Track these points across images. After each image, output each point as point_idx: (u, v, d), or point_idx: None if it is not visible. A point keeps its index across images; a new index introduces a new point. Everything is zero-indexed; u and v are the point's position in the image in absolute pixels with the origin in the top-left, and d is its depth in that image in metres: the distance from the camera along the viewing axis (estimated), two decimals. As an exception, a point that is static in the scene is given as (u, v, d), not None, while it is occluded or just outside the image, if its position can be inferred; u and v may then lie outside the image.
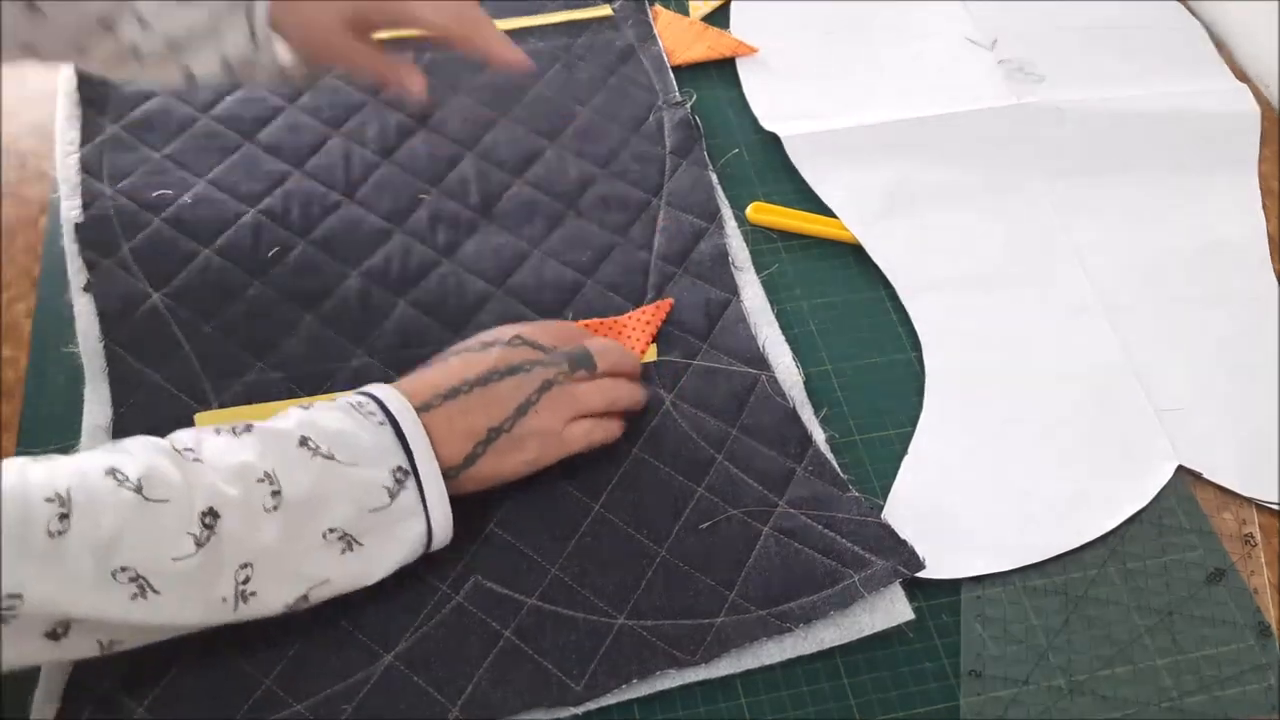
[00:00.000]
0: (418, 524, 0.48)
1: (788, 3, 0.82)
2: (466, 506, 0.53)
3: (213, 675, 0.47)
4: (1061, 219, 0.69)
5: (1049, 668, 0.51)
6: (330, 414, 0.48)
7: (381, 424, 0.48)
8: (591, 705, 0.48)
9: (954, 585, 0.53)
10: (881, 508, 0.55)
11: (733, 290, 0.63)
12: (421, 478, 0.48)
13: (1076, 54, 0.79)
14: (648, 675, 0.48)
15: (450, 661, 0.48)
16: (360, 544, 0.46)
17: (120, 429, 0.55)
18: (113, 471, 0.42)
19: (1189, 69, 0.80)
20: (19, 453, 0.55)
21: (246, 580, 0.44)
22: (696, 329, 0.61)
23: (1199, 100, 0.77)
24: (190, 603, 0.43)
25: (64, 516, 0.39)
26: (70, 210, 0.64)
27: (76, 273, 0.61)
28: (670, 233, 0.66)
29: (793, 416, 0.57)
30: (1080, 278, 0.66)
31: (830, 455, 0.56)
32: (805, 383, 0.59)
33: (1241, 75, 0.80)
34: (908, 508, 0.55)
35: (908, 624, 0.51)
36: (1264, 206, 0.71)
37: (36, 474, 0.40)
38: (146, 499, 0.41)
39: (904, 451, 0.57)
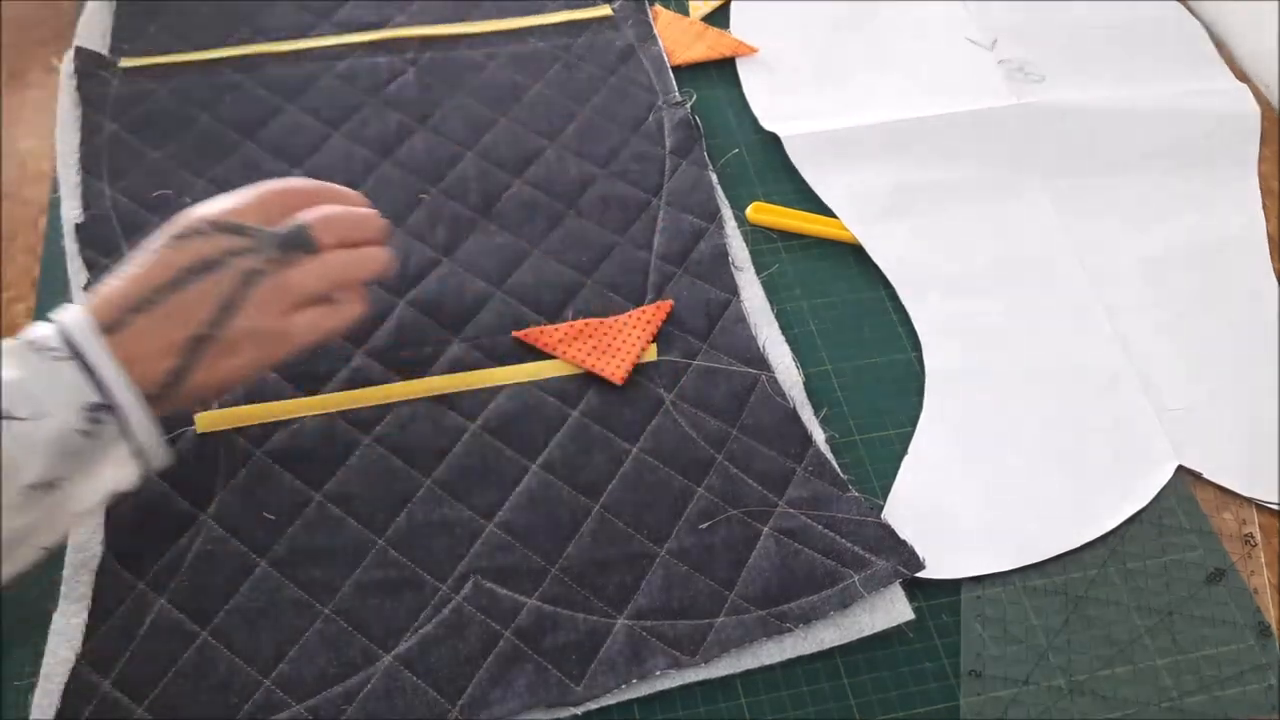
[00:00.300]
0: (124, 456, 0.44)
1: (788, 3, 0.82)
2: (466, 507, 0.53)
3: (212, 675, 0.48)
4: (1061, 219, 0.69)
5: (1049, 668, 0.51)
6: (8, 362, 0.43)
7: (62, 359, 0.43)
8: (591, 705, 0.48)
9: (954, 585, 0.53)
10: (881, 508, 0.55)
11: (733, 290, 0.63)
12: (121, 408, 0.44)
13: (1076, 54, 0.79)
14: (648, 675, 0.48)
15: (450, 662, 0.48)
16: (64, 489, 0.43)
17: (120, 429, 0.55)
18: None
19: (1189, 69, 0.80)
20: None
21: None
22: (696, 329, 0.61)
23: (1199, 100, 0.77)
24: None
25: None
26: (70, 210, 0.64)
27: (77, 273, 0.61)
28: (670, 233, 0.66)
29: (793, 416, 0.58)
30: (1080, 278, 0.66)
31: (830, 455, 0.56)
32: (805, 383, 0.59)
33: (1241, 75, 0.80)
34: (908, 508, 0.55)
35: (908, 624, 0.51)
36: (1264, 206, 0.71)
37: None
38: None
39: (904, 451, 0.57)
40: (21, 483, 0.42)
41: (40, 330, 0.45)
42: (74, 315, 0.45)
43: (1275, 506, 0.57)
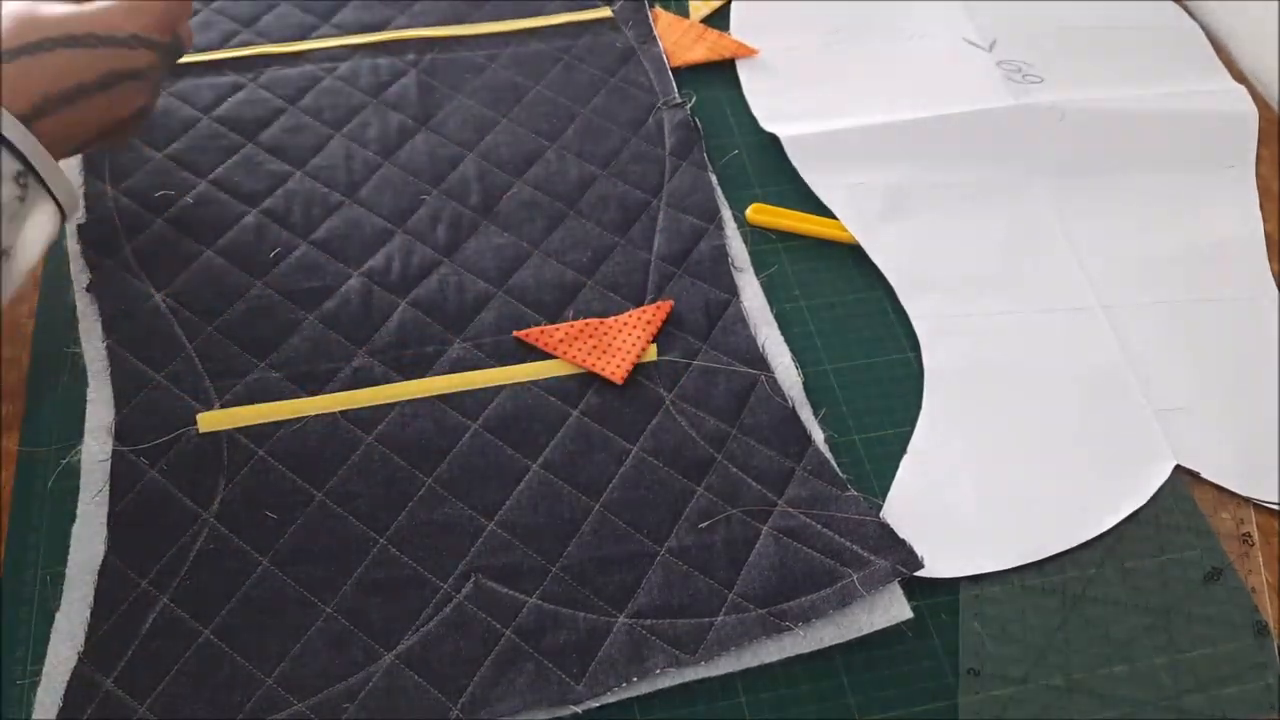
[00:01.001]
0: (49, 210, 0.50)
1: (788, 4, 0.82)
2: (466, 507, 0.53)
3: (214, 674, 0.48)
4: (1061, 219, 0.69)
5: (1047, 667, 0.51)
6: None
7: None
8: (592, 703, 0.48)
9: (952, 584, 0.53)
10: (880, 507, 0.55)
11: (732, 290, 0.63)
12: (43, 176, 0.49)
13: (1075, 55, 0.79)
14: (648, 674, 0.49)
15: (451, 660, 0.49)
16: (13, 253, 0.48)
17: (123, 429, 0.55)
18: None
19: (1187, 70, 0.80)
20: (21, 453, 0.55)
21: None
22: (696, 329, 0.61)
23: (1197, 101, 0.77)
24: None
25: None
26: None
27: (79, 273, 0.62)
28: (670, 233, 0.66)
29: (792, 416, 0.58)
30: (1079, 278, 0.66)
31: (829, 455, 0.57)
32: (804, 383, 0.60)
33: (1240, 76, 0.80)
34: (906, 507, 0.55)
35: (906, 623, 0.51)
36: (1262, 207, 0.72)
37: None
38: None
39: (903, 451, 0.58)
40: None
41: None
42: None
43: (1273, 506, 0.57)
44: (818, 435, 0.57)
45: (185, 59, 0.73)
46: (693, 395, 0.58)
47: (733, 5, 0.82)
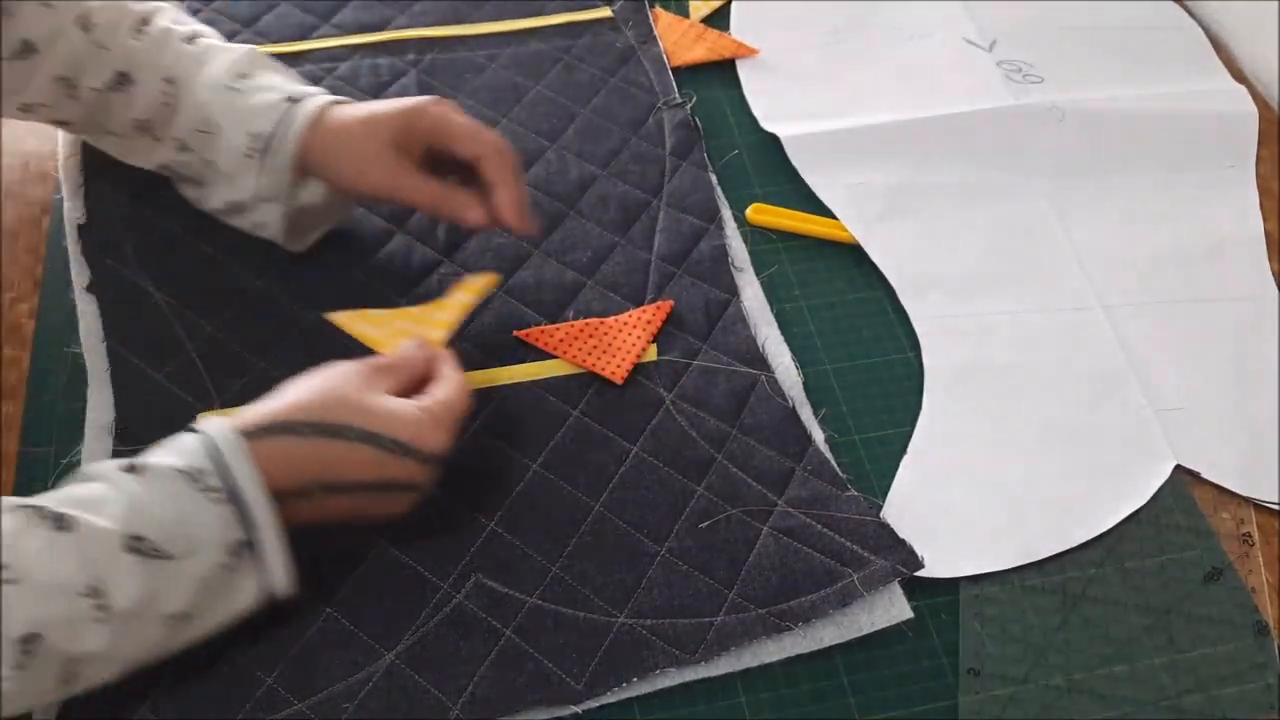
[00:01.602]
0: (251, 588, 0.45)
1: (788, 4, 0.82)
2: (466, 507, 0.53)
3: (215, 674, 0.48)
4: (1061, 219, 0.69)
5: (1047, 667, 0.51)
6: (163, 493, 0.44)
7: (222, 501, 0.44)
8: (592, 704, 0.48)
9: (952, 584, 0.53)
10: (880, 507, 0.55)
11: (732, 290, 0.63)
12: (261, 547, 0.45)
13: (1075, 55, 0.79)
14: (648, 674, 0.49)
15: (451, 660, 0.49)
16: (195, 617, 0.45)
17: (123, 428, 0.55)
18: None
19: (1187, 70, 0.80)
20: (22, 453, 0.55)
21: (74, 673, 0.42)
22: (696, 329, 0.61)
23: (1197, 101, 0.77)
24: (14, 703, 0.41)
25: None
26: (73, 210, 0.64)
27: (79, 273, 0.62)
28: (670, 233, 0.66)
29: (792, 416, 0.58)
30: (1079, 278, 0.66)
31: (829, 455, 0.57)
32: (804, 383, 0.60)
33: (1240, 76, 0.80)
34: (906, 507, 0.55)
35: (906, 623, 0.51)
36: (1262, 206, 0.72)
37: None
38: None
39: (903, 451, 0.58)
40: (163, 612, 0.43)
41: (197, 460, 0.45)
42: (244, 468, 0.45)
43: (1273, 506, 0.57)
44: (818, 435, 0.57)
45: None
46: (693, 395, 0.58)
47: (733, 5, 0.82)
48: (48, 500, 0.43)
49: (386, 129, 0.57)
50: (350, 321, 0.59)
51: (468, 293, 0.59)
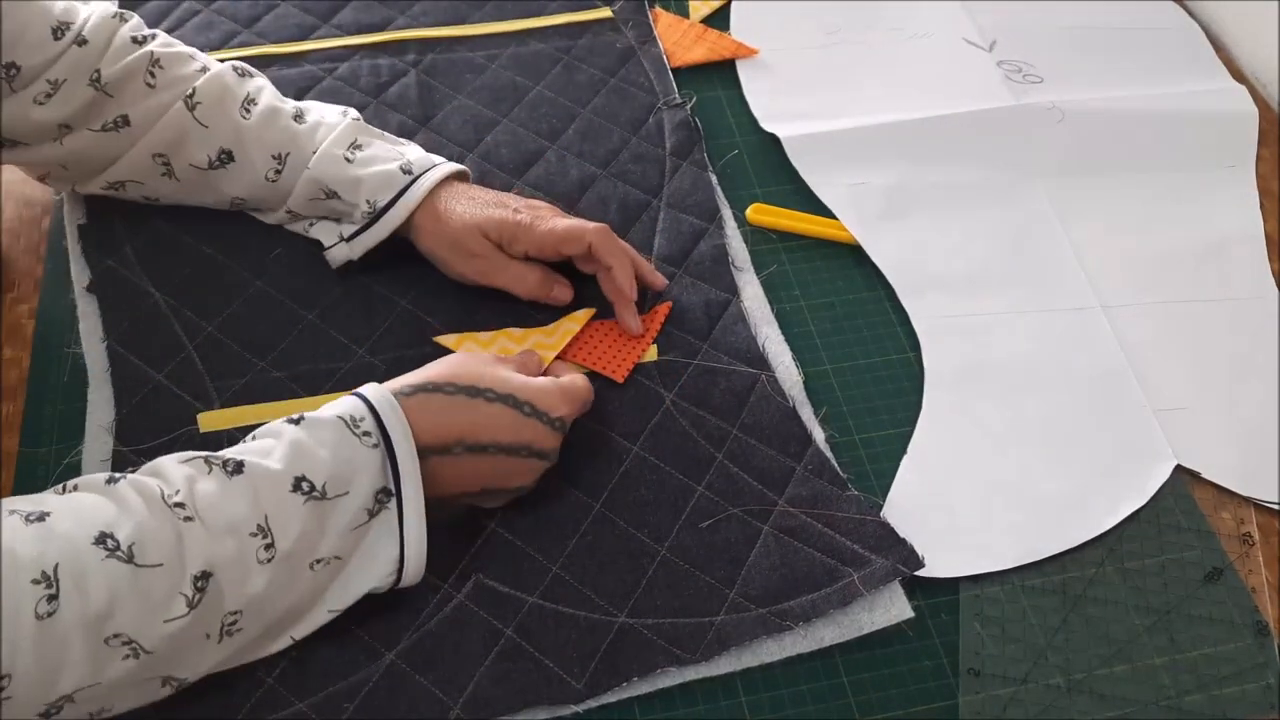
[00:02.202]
0: (391, 546, 0.47)
1: (787, 5, 0.82)
2: (467, 507, 0.53)
3: (215, 673, 0.48)
4: (1061, 219, 0.69)
5: (1047, 666, 0.51)
6: (323, 437, 0.46)
7: (375, 446, 0.47)
8: (592, 703, 0.48)
9: (953, 584, 0.53)
10: (881, 506, 0.55)
11: (733, 290, 0.63)
12: (403, 500, 0.47)
13: (1075, 55, 0.79)
14: (648, 673, 0.49)
15: (452, 660, 0.49)
16: (339, 562, 0.46)
17: (123, 428, 0.55)
18: (103, 539, 0.40)
19: (1187, 70, 0.80)
20: (22, 453, 0.55)
21: (234, 623, 0.44)
22: (697, 329, 0.61)
23: (1197, 101, 0.77)
24: (180, 654, 0.43)
25: (52, 598, 0.39)
26: (73, 210, 0.64)
27: (79, 273, 0.62)
28: (670, 233, 0.66)
29: (792, 416, 0.58)
30: (1079, 278, 0.66)
31: (830, 454, 0.57)
32: (804, 382, 0.60)
33: (1239, 75, 0.80)
34: (907, 506, 0.55)
35: (907, 622, 0.51)
36: (1261, 206, 0.72)
37: (25, 550, 0.39)
38: (138, 566, 0.41)
39: (903, 451, 0.58)
40: (313, 557, 0.45)
41: (354, 408, 0.47)
42: (398, 421, 0.47)
43: (1273, 506, 0.57)
44: (818, 435, 0.57)
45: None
46: (693, 395, 0.58)
47: (733, 5, 0.82)
48: (221, 454, 0.46)
49: (495, 231, 0.58)
50: (457, 343, 0.59)
51: (573, 321, 0.60)
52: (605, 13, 0.79)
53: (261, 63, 0.73)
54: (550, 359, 0.58)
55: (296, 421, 0.47)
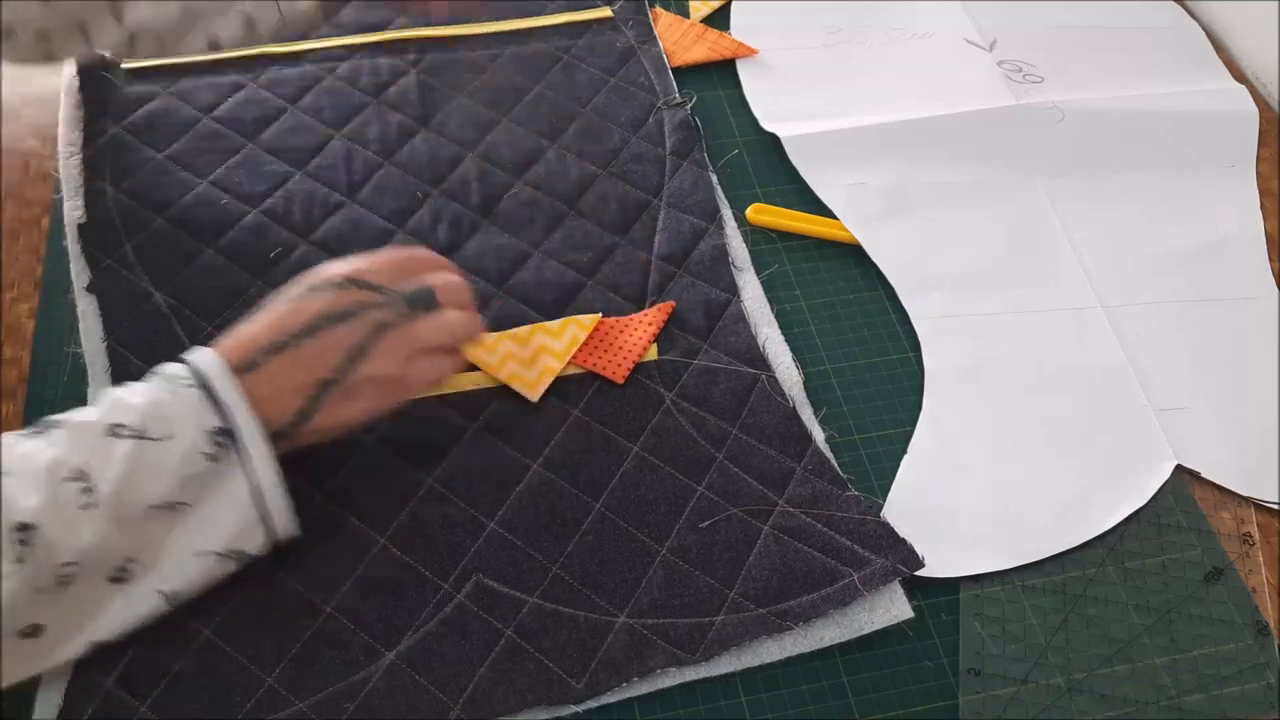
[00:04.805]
0: (241, 485, 0.46)
1: (788, 4, 0.82)
2: (466, 507, 0.53)
3: (215, 673, 0.48)
4: (1061, 219, 0.69)
5: (1048, 666, 0.51)
6: (138, 387, 0.46)
7: (190, 387, 0.46)
8: (592, 703, 0.48)
9: (953, 584, 0.53)
10: (881, 506, 0.55)
11: (733, 290, 0.63)
12: (241, 439, 0.46)
13: (1075, 55, 0.79)
14: (648, 673, 0.49)
15: (452, 660, 0.49)
16: (184, 507, 0.45)
17: (123, 428, 0.55)
18: None
19: (1187, 70, 0.80)
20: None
21: (71, 574, 0.43)
22: (697, 329, 0.61)
23: (1197, 100, 0.77)
24: (29, 609, 0.42)
25: None
26: (73, 211, 0.64)
27: (79, 273, 0.62)
28: (670, 233, 0.66)
29: (792, 416, 0.58)
30: (1079, 277, 0.66)
31: (830, 454, 0.57)
32: (805, 382, 0.60)
33: (1240, 75, 0.80)
34: (907, 506, 0.55)
35: (907, 622, 0.51)
36: (1262, 206, 0.72)
37: None
38: None
39: (903, 451, 0.58)
40: (149, 501, 0.45)
41: (171, 366, 0.47)
42: (205, 355, 0.47)
43: (1273, 506, 0.57)
44: (818, 435, 0.57)
45: (186, 59, 0.73)
46: (693, 395, 0.58)
47: (733, 5, 0.82)
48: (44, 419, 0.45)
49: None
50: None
51: (579, 327, 0.59)
52: (605, 12, 0.79)
53: (261, 62, 0.73)
54: (557, 369, 0.58)
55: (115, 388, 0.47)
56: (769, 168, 0.71)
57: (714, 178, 0.69)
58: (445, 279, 0.53)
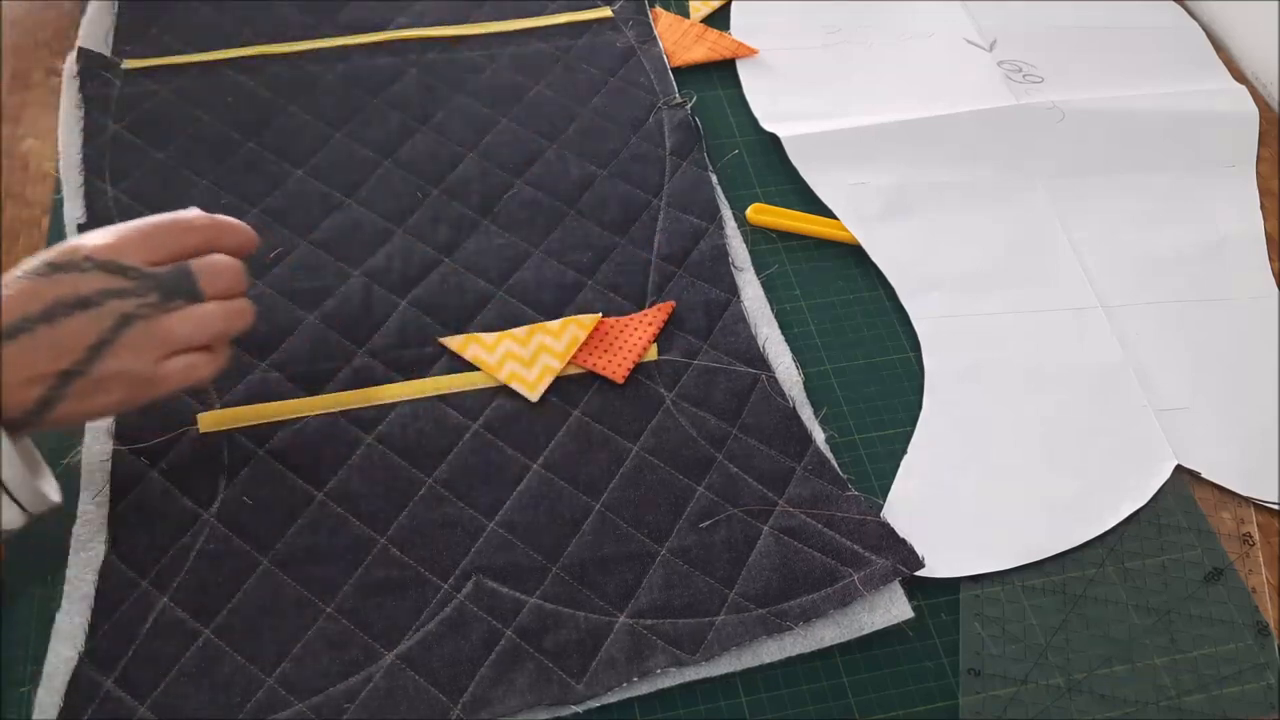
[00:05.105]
0: None
1: (788, 4, 0.82)
2: (466, 507, 0.53)
3: (215, 674, 0.48)
4: (1061, 219, 0.69)
5: (1048, 666, 0.51)
6: None
7: None
8: (592, 703, 0.48)
9: (953, 584, 0.53)
10: (881, 507, 0.55)
11: (733, 290, 0.63)
12: None
13: (1076, 55, 0.79)
14: (648, 674, 0.49)
15: (452, 660, 0.49)
16: None
17: (123, 429, 0.55)
18: None
19: (1188, 69, 0.80)
20: (21, 452, 0.55)
21: None
22: (697, 329, 0.61)
23: (1197, 100, 0.77)
24: None
25: None
26: (73, 211, 0.64)
27: (79, 273, 0.61)
28: (670, 233, 0.66)
29: (792, 416, 0.58)
30: (1079, 277, 0.66)
31: (830, 454, 0.57)
32: (805, 382, 0.60)
33: (1240, 75, 0.80)
34: (907, 506, 0.55)
35: (907, 623, 0.51)
36: (1262, 206, 0.72)
37: None
38: None
39: (903, 451, 0.58)
40: None
41: None
42: None
43: (1274, 506, 0.57)
44: (818, 435, 0.57)
45: (186, 59, 0.73)
46: (693, 395, 0.58)
47: (733, 5, 0.82)
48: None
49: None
50: (463, 345, 0.59)
51: (579, 327, 0.59)
52: (605, 12, 0.79)
53: (262, 62, 0.73)
54: (557, 369, 0.58)
55: None
56: (769, 168, 0.71)
57: (714, 178, 0.69)
58: (212, 261, 0.48)
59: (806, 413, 0.58)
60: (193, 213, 0.50)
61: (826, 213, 0.68)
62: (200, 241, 0.49)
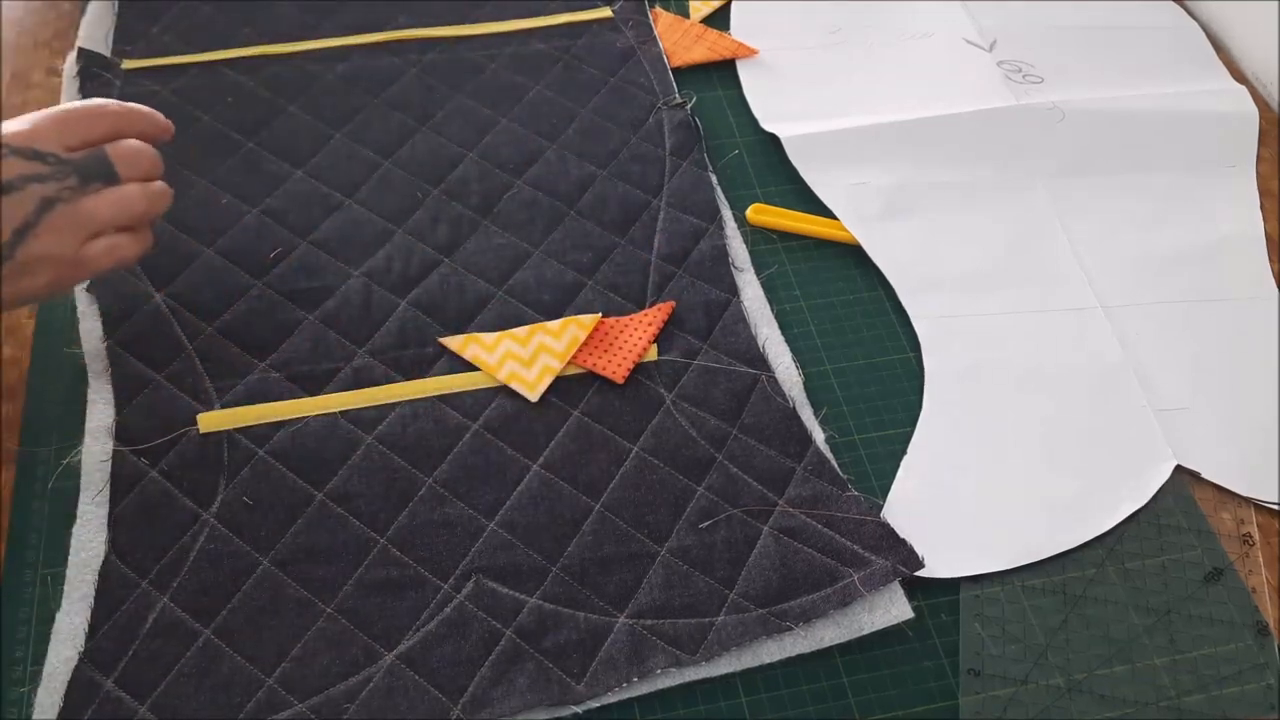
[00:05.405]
0: None
1: (788, 4, 0.82)
2: (466, 507, 0.53)
3: (215, 674, 0.48)
4: (1061, 219, 0.69)
5: (1047, 667, 0.51)
6: None
7: None
8: (592, 703, 0.48)
9: (953, 584, 0.53)
10: (881, 507, 0.55)
11: (733, 290, 0.63)
12: None
13: (1075, 55, 0.79)
14: (648, 674, 0.49)
15: (452, 660, 0.49)
16: None
17: (123, 429, 0.55)
18: None
19: (1187, 70, 0.80)
20: (21, 453, 0.55)
21: None
22: (697, 329, 0.61)
23: (1197, 101, 0.77)
24: None
25: None
26: (72, 211, 0.64)
27: (79, 273, 0.62)
28: (670, 233, 0.66)
29: (792, 416, 0.58)
30: (1079, 278, 0.66)
31: (830, 455, 0.57)
32: (805, 382, 0.60)
33: (1240, 76, 0.80)
34: (907, 507, 0.55)
35: (907, 623, 0.51)
36: (1262, 206, 0.72)
37: None
38: None
39: (903, 451, 0.58)
40: None
41: None
42: None
43: (1273, 506, 0.57)
44: (818, 435, 0.57)
45: (186, 59, 0.73)
46: (693, 395, 0.58)
47: (733, 5, 0.82)
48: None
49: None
50: (462, 346, 0.59)
51: (579, 327, 0.59)
52: (605, 13, 0.79)
53: (262, 62, 0.73)
54: (557, 369, 0.58)
55: None
56: (769, 168, 0.71)
57: (714, 178, 0.69)
58: (126, 146, 0.49)
59: (806, 413, 0.58)
60: (104, 100, 0.51)
61: (826, 213, 0.68)
62: (112, 127, 0.50)
